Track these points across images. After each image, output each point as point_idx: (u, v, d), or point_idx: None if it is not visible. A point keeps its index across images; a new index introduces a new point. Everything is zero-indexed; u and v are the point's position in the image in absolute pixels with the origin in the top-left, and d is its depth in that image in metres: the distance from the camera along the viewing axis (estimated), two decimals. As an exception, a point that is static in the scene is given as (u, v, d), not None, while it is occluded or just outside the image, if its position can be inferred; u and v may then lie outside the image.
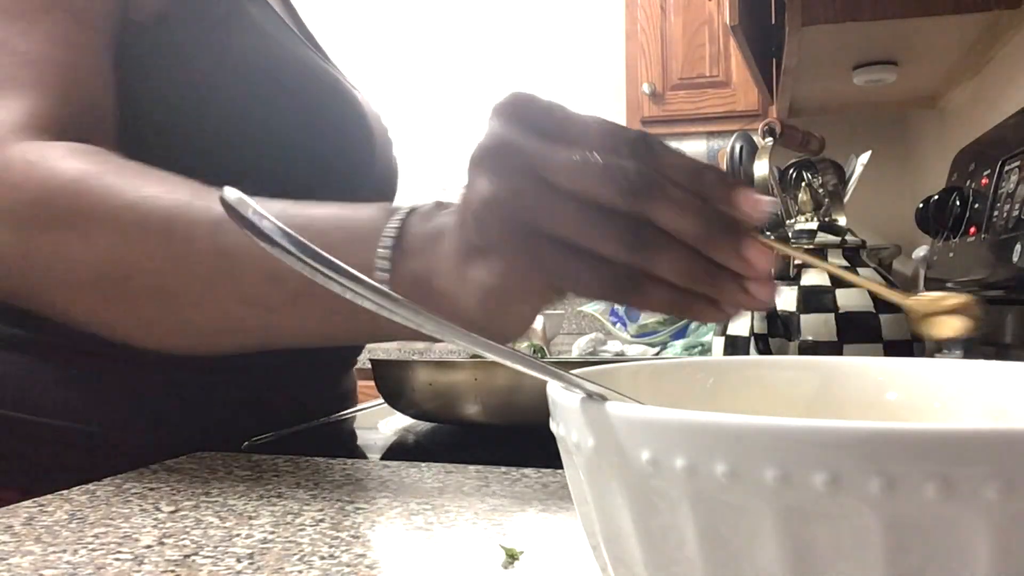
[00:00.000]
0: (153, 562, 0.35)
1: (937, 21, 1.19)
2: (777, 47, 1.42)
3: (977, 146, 1.12)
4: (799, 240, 1.07)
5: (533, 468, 0.53)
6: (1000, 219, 0.94)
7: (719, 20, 2.02)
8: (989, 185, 1.01)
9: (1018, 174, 0.93)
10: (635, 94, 2.06)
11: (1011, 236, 0.88)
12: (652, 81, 2.03)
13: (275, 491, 0.47)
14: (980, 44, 1.32)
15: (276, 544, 0.37)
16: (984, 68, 1.43)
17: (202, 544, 0.37)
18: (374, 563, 0.35)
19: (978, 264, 0.96)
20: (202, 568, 0.34)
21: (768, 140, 1.05)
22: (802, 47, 1.30)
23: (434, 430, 0.72)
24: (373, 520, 0.41)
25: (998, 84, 1.37)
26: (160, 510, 0.43)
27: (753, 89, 1.97)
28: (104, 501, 0.45)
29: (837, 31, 1.24)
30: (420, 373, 0.65)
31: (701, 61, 2.01)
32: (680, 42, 2.03)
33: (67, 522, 0.41)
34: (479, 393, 0.62)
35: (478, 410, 0.63)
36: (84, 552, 0.36)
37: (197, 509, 0.43)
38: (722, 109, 2.00)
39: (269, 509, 0.43)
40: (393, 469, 0.53)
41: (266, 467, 0.53)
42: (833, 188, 1.14)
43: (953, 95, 1.65)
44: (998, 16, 1.18)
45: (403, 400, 0.68)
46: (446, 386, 0.64)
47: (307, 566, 0.34)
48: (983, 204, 1.01)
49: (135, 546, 0.37)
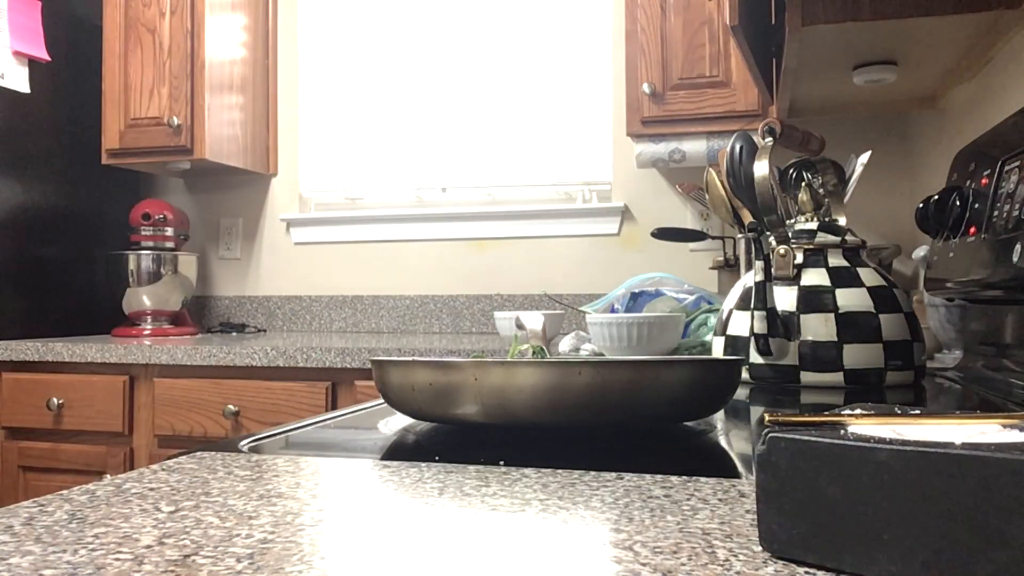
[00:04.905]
0: (153, 562, 0.35)
1: (937, 21, 1.19)
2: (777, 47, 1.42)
3: (977, 146, 1.12)
4: (799, 240, 1.07)
5: (533, 468, 0.53)
6: (1000, 219, 0.94)
7: (719, 20, 2.02)
8: (989, 185, 1.01)
9: (1018, 174, 0.93)
10: (635, 94, 2.06)
11: (1011, 236, 0.88)
12: (652, 81, 2.03)
13: (275, 491, 0.47)
14: (980, 44, 1.32)
15: (276, 544, 0.37)
16: (984, 68, 1.43)
17: (202, 544, 0.37)
18: (374, 563, 0.35)
19: (978, 264, 0.96)
20: (202, 568, 0.34)
21: (768, 140, 1.05)
22: (802, 47, 1.30)
23: (434, 430, 0.72)
24: (373, 520, 0.41)
25: (998, 84, 1.37)
26: (160, 510, 0.43)
27: (753, 89, 1.97)
28: (104, 501, 0.45)
29: (837, 31, 1.24)
30: (420, 373, 0.65)
31: (701, 61, 2.01)
32: (680, 42, 2.03)
33: (67, 522, 0.41)
34: (479, 393, 0.62)
35: (478, 410, 0.63)
36: (84, 552, 0.36)
37: (197, 509, 0.43)
38: (722, 109, 2.00)
39: (269, 509, 0.43)
40: (393, 469, 0.53)
41: (266, 467, 0.53)
42: (833, 188, 1.14)
43: (953, 95, 1.65)
44: (998, 16, 1.18)
45: (403, 400, 0.68)
46: (446, 386, 0.64)
47: (307, 566, 0.34)
48: (983, 204, 1.01)
49: (135, 546, 0.37)
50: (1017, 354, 0.97)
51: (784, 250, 1.04)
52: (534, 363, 0.62)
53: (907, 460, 0.31)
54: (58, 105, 2.42)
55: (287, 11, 2.69)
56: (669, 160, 2.11)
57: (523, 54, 2.52)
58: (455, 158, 2.56)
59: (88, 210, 2.54)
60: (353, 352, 1.84)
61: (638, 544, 0.37)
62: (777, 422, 0.36)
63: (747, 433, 0.72)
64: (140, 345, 2.00)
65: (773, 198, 1.02)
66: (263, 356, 1.89)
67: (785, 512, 0.34)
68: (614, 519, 0.41)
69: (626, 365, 0.63)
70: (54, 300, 2.39)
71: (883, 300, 1.02)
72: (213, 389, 1.93)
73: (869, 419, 0.38)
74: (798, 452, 0.34)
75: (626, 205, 2.40)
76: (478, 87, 2.55)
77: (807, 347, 1.00)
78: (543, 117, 2.50)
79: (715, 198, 1.91)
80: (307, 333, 2.50)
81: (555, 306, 2.42)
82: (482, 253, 2.51)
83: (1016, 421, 0.36)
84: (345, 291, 2.62)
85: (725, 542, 0.37)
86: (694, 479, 0.50)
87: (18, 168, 2.28)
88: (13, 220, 2.25)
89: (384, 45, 2.63)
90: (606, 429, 0.68)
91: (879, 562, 0.32)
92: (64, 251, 2.43)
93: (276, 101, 2.68)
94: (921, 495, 0.31)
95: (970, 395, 0.97)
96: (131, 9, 2.38)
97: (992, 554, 0.29)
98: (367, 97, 2.64)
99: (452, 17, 2.58)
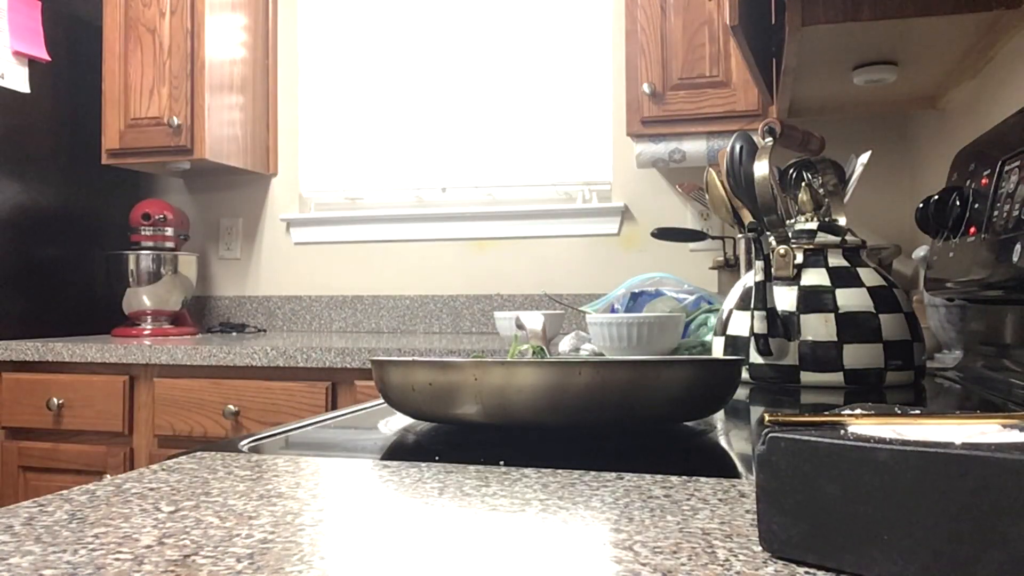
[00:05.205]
0: (153, 562, 0.35)
1: (937, 21, 1.19)
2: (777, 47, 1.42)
3: (977, 146, 1.12)
4: (799, 240, 1.07)
5: (533, 468, 0.53)
6: (1000, 219, 0.94)
7: (719, 20, 2.02)
8: (989, 185, 1.01)
9: (1018, 174, 0.93)
10: (635, 94, 2.06)
11: (1011, 236, 0.88)
12: (652, 81, 2.03)
13: (275, 491, 0.47)
14: (980, 44, 1.32)
15: (276, 544, 0.37)
16: (984, 68, 1.43)
17: (202, 544, 0.37)
18: (374, 563, 0.35)
19: (978, 264, 0.96)
20: (202, 568, 0.34)
21: (768, 140, 1.05)
22: (802, 47, 1.30)
23: (434, 430, 0.72)
24: (373, 520, 0.41)
25: (998, 84, 1.37)
26: (160, 510, 0.43)
27: (753, 89, 1.97)
28: (104, 501, 0.45)
29: (837, 31, 1.24)
30: (420, 373, 0.65)
31: (701, 61, 2.01)
32: (680, 42, 2.03)
33: (67, 522, 0.41)
34: (479, 393, 0.62)
35: (478, 410, 0.63)
36: (84, 552, 0.36)
37: (197, 509, 0.43)
38: (722, 109, 2.00)
39: (269, 509, 0.43)
40: (393, 469, 0.53)
41: (266, 467, 0.53)
42: (833, 188, 1.14)
43: (953, 95, 1.65)
44: (998, 16, 1.18)
45: (403, 400, 0.68)
46: (446, 386, 0.64)
47: (307, 566, 0.34)
48: (983, 204, 1.01)
49: (135, 546, 0.37)
50: (1017, 354, 0.97)
51: (784, 250, 1.04)
52: (534, 363, 0.62)
53: (907, 460, 0.31)
54: (58, 105, 2.42)
55: (287, 11, 2.69)
56: (669, 160, 2.11)
57: (523, 54, 2.52)
58: (455, 158, 2.56)
59: (88, 210, 2.54)
60: (353, 352, 1.84)
61: (638, 544, 0.37)
62: (777, 422, 0.36)
63: (747, 433, 0.72)
64: (140, 345, 2.00)
65: (773, 198, 1.02)
66: (263, 356, 1.89)
67: (785, 512, 0.34)
68: (614, 519, 0.41)
69: (626, 365, 0.63)
70: (54, 300, 2.39)
71: (883, 300, 1.02)
72: (213, 389, 1.93)
73: (869, 419, 0.38)
74: (798, 452, 0.34)
75: (626, 205, 2.40)
76: (478, 87, 2.55)
77: (807, 347, 1.00)
78: (543, 117, 2.50)
79: (715, 198, 1.91)
80: (307, 333, 2.50)
81: (555, 306, 2.42)
82: (482, 253, 2.51)
83: (1016, 421, 0.36)
84: (345, 291, 2.62)
85: (725, 542, 0.37)
86: (694, 479, 0.50)
87: (18, 168, 2.28)
88: (13, 220, 2.25)
89: (384, 45, 2.63)
90: (606, 429, 0.68)
91: (879, 562, 0.31)
92: (64, 251, 2.43)
93: (276, 101, 2.68)
94: (921, 495, 0.31)
95: (970, 395, 0.97)
96: (131, 9, 2.38)
97: (992, 554, 0.29)
98: (367, 97, 2.63)
99: (452, 17, 2.58)
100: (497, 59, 2.54)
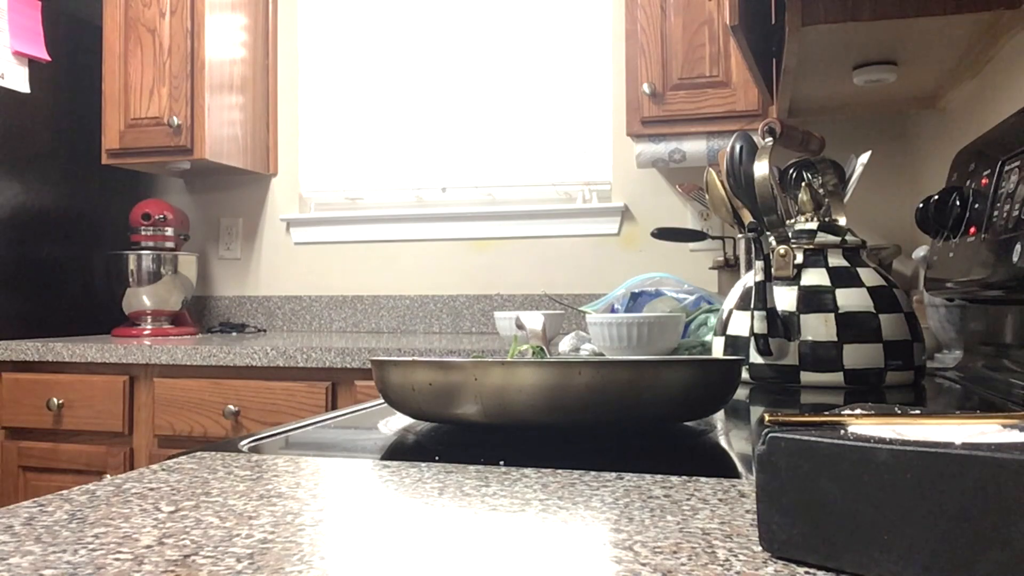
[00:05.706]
0: (153, 562, 0.35)
1: (937, 21, 1.19)
2: (777, 47, 1.42)
3: (977, 146, 1.12)
4: (799, 240, 1.07)
5: (533, 468, 0.53)
6: (1000, 219, 0.94)
7: (719, 20, 2.02)
8: (989, 185, 1.01)
9: (1018, 174, 0.93)
10: (635, 94, 2.06)
11: (1011, 236, 0.88)
12: (652, 81, 2.03)
13: (275, 491, 0.47)
14: (980, 44, 1.32)
15: (276, 544, 0.37)
16: (984, 68, 1.43)
17: (202, 544, 0.37)
18: (374, 563, 0.35)
19: (978, 264, 0.96)
20: (202, 568, 0.34)
21: (768, 140, 1.05)
22: (802, 47, 1.30)
23: (434, 430, 0.72)
24: (373, 520, 0.41)
25: (998, 84, 1.37)
26: (160, 510, 0.43)
27: (753, 89, 1.97)
28: (104, 501, 0.45)
29: (837, 31, 1.24)
30: (420, 373, 0.65)
31: (701, 61, 2.01)
32: (680, 42, 2.03)
33: (67, 522, 0.41)
34: (479, 393, 0.62)
35: (478, 410, 0.63)
36: (84, 552, 0.36)
37: (197, 509, 0.43)
38: (722, 109, 2.00)
39: (269, 509, 0.43)
40: (393, 469, 0.53)
41: (266, 467, 0.53)
42: (833, 188, 1.14)
43: (953, 95, 1.65)
44: (998, 16, 1.18)
45: (403, 400, 0.68)
46: (446, 386, 0.64)
47: (307, 566, 0.34)
48: (983, 204, 1.01)
49: (135, 546, 0.37)
50: (1017, 354, 0.97)
51: (784, 250, 1.04)
52: (534, 363, 0.62)
53: (907, 460, 0.31)
54: (58, 105, 2.42)
55: (287, 11, 2.69)
56: (669, 160, 2.11)
57: (523, 54, 2.52)
58: (455, 158, 2.56)
59: (88, 210, 2.54)
60: (353, 352, 1.84)
61: (638, 544, 0.37)
62: (777, 422, 0.36)
63: (747, 433, 0.72)
64: (140, 345, 2.00)
65: (773, 198, 1.02)
66: (263, 356, 1.89)
67: (785, 512, 0.34)
68: (614, 519, 0.41)
69: (626, 365, 0.63)
70: (54, 300, 2.39)
71: (883, 300, 1.02)
72: (213, 389, 1.93)
73: (869, 419, 0.38)
74: (798, 452, 0.34)
75: (626, 205, 2.40)
76: (478, 87, 2.55)
77: (807, 347, 1.00)
78: (543, 117, 2.50)
79: (715, 198, 1.91)
80: (307, 333, 2.50)
81: (555, 306, 2.42)
82: (482, 253, 2.51)
83: (1016, 421, 0.36)
84: (345, 291, 2.62)
85: (725, 542, 0.37)
86: (694, 479, 0.50)
87: (18, 168, 2.28)
88: (13, 220, 2.25)
89: (384, 45, 2.63)
90: (606, 429, 0.68)
91: (879, 562, 0.31)
92: (64, 251, 2.43)
93: (276, 101, 2.68)
94: (921, 495, 0.31)
95: (970, 395, 0.97)
96: (131, 9, 2.38)
97: (992, 554, 0.29)
98: (367, 97, 2.63)
99: (452, 17, 2.58)
100: (497, 59, 2.54)
